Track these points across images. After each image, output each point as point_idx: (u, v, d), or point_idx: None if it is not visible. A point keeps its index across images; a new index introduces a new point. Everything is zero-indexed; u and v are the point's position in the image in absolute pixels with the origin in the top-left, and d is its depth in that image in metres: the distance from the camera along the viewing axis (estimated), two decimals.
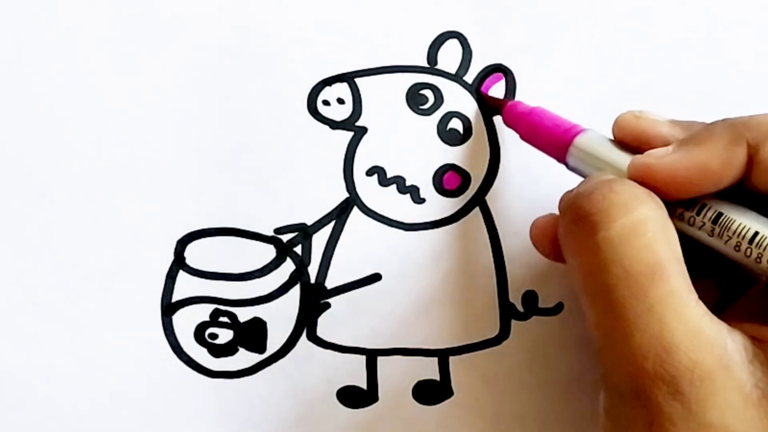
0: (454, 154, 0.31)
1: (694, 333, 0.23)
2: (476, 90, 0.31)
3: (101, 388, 0.31)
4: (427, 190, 0.31)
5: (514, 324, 0.31)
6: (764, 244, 0.24)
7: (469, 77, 0.32)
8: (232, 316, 0.31)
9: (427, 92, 0.31)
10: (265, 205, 0.31)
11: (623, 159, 0.26)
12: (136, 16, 0.32)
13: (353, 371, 0.31)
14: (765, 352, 0.23)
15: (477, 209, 0.31)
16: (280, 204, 0.31)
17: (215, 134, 0.31)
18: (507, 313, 0.31)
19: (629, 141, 0.27)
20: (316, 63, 0.31)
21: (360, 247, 0.31)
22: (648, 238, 0.23)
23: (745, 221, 0.24)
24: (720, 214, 0.25)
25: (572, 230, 0.25)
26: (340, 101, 0.31)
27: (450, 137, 0.31)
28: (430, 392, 0.31)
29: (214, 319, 0.31)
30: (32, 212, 0.31)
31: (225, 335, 0.31)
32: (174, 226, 0.31)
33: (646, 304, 0.23)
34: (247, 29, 0.32)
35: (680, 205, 0.25)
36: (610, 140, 0.28)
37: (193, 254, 0.31)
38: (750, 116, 0.25)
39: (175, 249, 0.31)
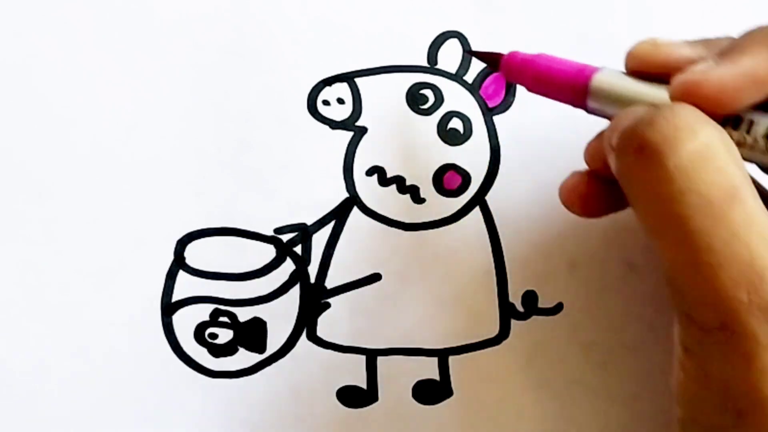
0: (454, 154, 0.31)
1: None
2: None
3: (101, 388, 0.31)
4: (427, 190, 0.31)
5: (514, 324, 0.31)
6: None
7: (469, 77, 0.32)
8: (232, 316, 0.31)
9: (427, 92, 0.31)
10: (265, 205, 0.31)
11: (652, 90, 0.25)
12: (136, 16, 0.32)
13: (353, 371, 0.31)
14: None
15: (477, 209, 0.31)
16: (280, 204, 0.31)
17: (215, 134, 0.31)
18: (507, 313, 0.31)
19: (650, 71, 0.25)
20: (316, 63, 0.31)
21: (360, 247, 0.31)
22: (720, 160, 0.22)
23: None
24: None
25: (637, 163, 0.23)
26: (340, 101, 0.31)
27: (450, 137, 0.31)
28: (429, 392, 0.31)
29: (214, 319, 0.31)
30: (32, 212, 0.31)
31: (225, 335, 0.31)
32: (174, 226, 0.31)
33: (729, 229, 0.21)
34: (247, 29, 0.32)
35: (726, 124, 0.24)
36: (627, 74, 0.26)
37: (193, 254, 0.31)
38: None
39: (175, 249, 0.31)
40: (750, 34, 0.24)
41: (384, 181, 0.31)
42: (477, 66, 0.32)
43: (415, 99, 0.31)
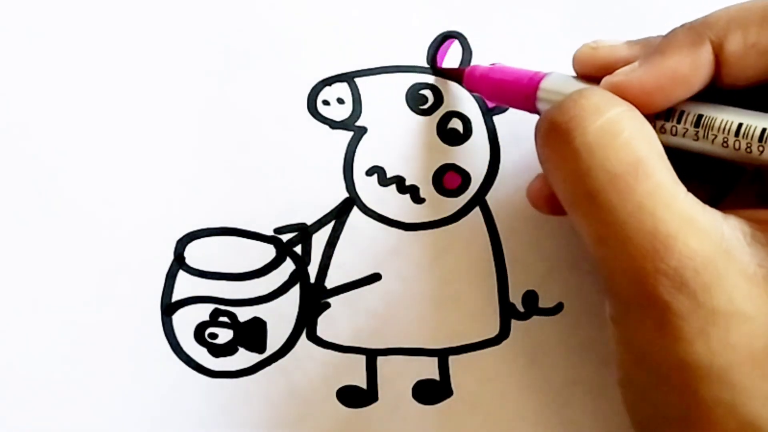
0: (454, 154, 0.31)
1: (689, 221, 0.22)
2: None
3: (101, 388, 0.31)
4: (427, 190, 0.31)
5: (514, 324, 0.31)
6: (750, 133, 0.24)
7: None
8: (232, 316, 0.31)
9: (427, 92, 0.31)
10: (265, 205, 0.31)
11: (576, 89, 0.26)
12: (136, 16, 0.32)
13: (353, 371, 0.31)
14: (763, 232, 0.23)
15: (477, 209, 0.31)
16: (280, 204, 0.31)
17: (215, 134, 0.31)
18: (507, 312, 0.31)
19: (593, 73, 0.27)
20: (316, 63, 0.32)
21: (360, 247, 0.31)
22: (625, 136, 0.23)
23: (726, 116, 0.24)
24: (701, 116, 0.25)
25: (548, 142, 0.24)
26: (340, 101, 0.31)
27: (450, 137, 0.31)
28: (429, 392, 0.31)
29: (213, 319, 0.31)
30: (32, 212, 0.31)
31: (225, 335, 0.31)
32: (174, 226, 0.31)
33: (634, 202, 0.22)
34: (247, 29, 0.32)
35: (658, 117, 0.25)
36: (574, 77, 0.27)
37: (193, 254, 0.31)
38: (707, 15, 0.25)
39: (175, 249, 0.31)
40: (672, 33, 0.25)
41: (384, 181, 0.31)
42: None
43: (415, 99, 0.31)
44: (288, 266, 0.31)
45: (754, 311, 0.22)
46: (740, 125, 0.24)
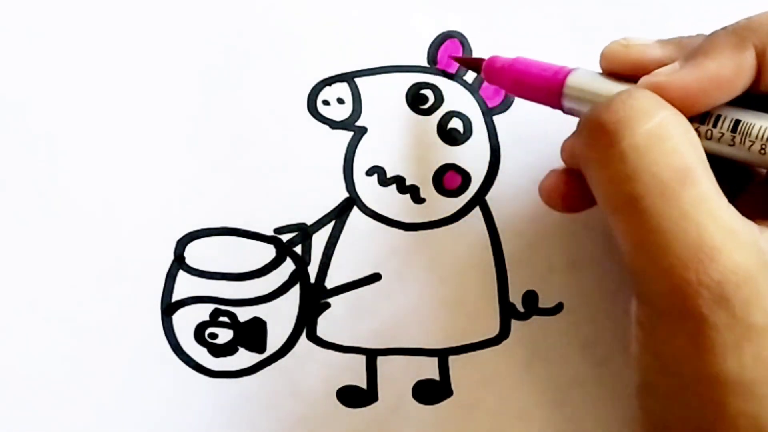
0: (454, 154, 0.31)
1: (732, 234, 0.22)
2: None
3: (101, 388, 0.31)
4: (427, 190, 0.31)
5: (514, 324, 0.31)
6: None
7: (469, 77, 0.32)
8: (232, 316, 0.31)
9: (427, 92, 0.31)
10: (265, 205, 0.31)
11: (623, 89, 0.25)
12: (137, 16, 0.32)
13: (353, 371, 0.31)
14: None
15: (477, 209, 0.31)
16: (280, 204, 0.31)
17: (215, 134, 0.31)
18: (507, 312, 0.31)
19: (622, 71, 0.26)
20: (316, 63, 0.31)
21: (360, 247, 0.31)
22: (674, 141, 0.23)
23: (765, 123, 0.24)
24: (738, 122, 0.24)
25: (594, 143, 0.24)
26: (340, 101, 0.31)
27: (450, 137, 0.31)
28: (429, 392, 0.31)
29: (214, 319, 0.31)
30: (33, 212, 0.31)
31: (225, 335, 0.31)
32: (174, 226, 0.31)
33: (680, 209, 0.22)
34: (247, 29, 0.32)
35: (694, 120, 0.25)
36: (601, 74, 0.27)
37: (193, 254, 0.31)
38: (749, 19, 0.24)
39: (175, 249, 0.31)
40: (715, 36, 0.25)
41: (384, 181, 0.31)
42: None
43: (415, 99, 0.31)
44: (288, 266, 0.31)
45: None
46: None
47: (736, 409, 0.22)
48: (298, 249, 0.31)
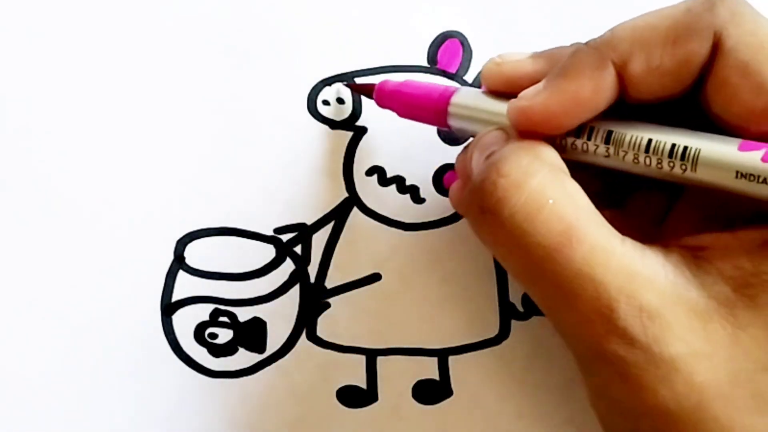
0: (454, 154, 0.31)
1: (629, 278, 0.22)
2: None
3: (101, 388, 0.31)
4: (427, 190, 0.31)
5: (514, 324, 0.31)
6: (660, 148, 0.24)
7: (469, 77, 0.32)
8: (232, 316, 0.31)
9: None
10: (265, 205, 0.31)
11: (501, 108, 0.26)
12: (137, 16, 0.32)
13: (353, 371, 0.31)
14: (707, 259, 0.23)
15: None
16: (280, 204, 0.31)
17: (215, 134, 0.31)
18: (507, 312, 0.31)
19: (499, 89, 0.27)
20: (316, 63, 0.32)
21: (360, 247, 0.31)
22: (550, 206, 0.23)
23: (636, 132, 0.24)
24: (610, 132, 0.25)
25: (480, 226, 0.25)
26: (340, 101, 0.31)
27: (450, 137, 0.31)
28: (429, 392, 0.31)
29: (213, 319, 0.31)
30: (32, 212, 0.31)
31: (225, 335, 0.31)
32: (174, 226, 0.31)
33: (572, 270, 0.23)
34: (247, 29, 0.32)
35: (569, 134, 0.25)
36: (483, 92, 0.27)
37: (193, 254, 0.31)
38: (611, 33, 0.25)
39: (175, 249, 0.31)
40: (576, 53, 0.25)
41: (384, 181, 0.31)
42: (477, 66, 0.32)
43: None
44: (288, 266, 0.31)
45: (711, 348, 0.22)
46: (650, 141, 0.24)
47: None
48: (298, 249, 0.31)
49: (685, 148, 0.24)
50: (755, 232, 0.23)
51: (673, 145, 0.24)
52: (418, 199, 0.31)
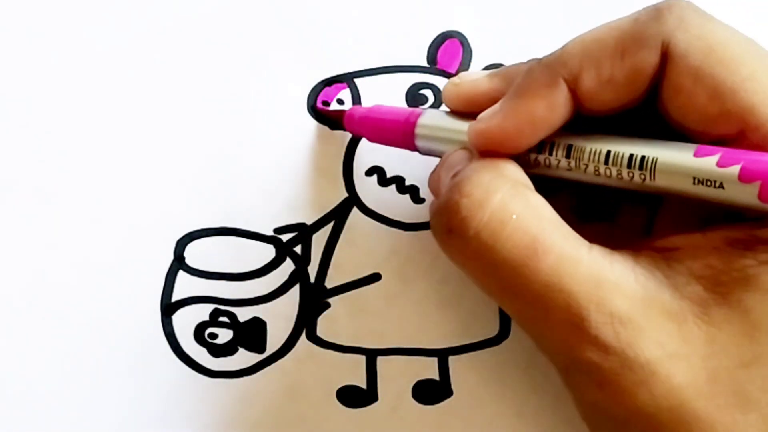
0: None
1: (597, 285, 0.23)
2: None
3: (101, 388, 0.31)
4: (427, 190, 0.31)
5: (514, 324, 0.31)
6: (618, 159, 0.24)
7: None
8: (232, 316, 0.31)
9: (427, 92, 0.31)
10: (265, 205, 0.31)
11: (464, 127, 0.26)
12: (136, 15, 0.32)
13: (353, 371, 0.31)
14: (678, 260, 0.23)
15: None
16: (280, 204, 0.31)
17: (215, 134, 0.31)
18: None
19: (460, 109, 0.27)
20: (316, 63, 0.32)
21: (360, 247, 0.31)
22: (514, 221, 0.23)
23: (594, 145, 0.25)
24: (570, 146, 0.25)
25: (447, 245, 0.25)
26: (340, 101, 0.31)
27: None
28: (429, 392, 0.31)
29: (213, 319, 0.31)
30: (32, 212, 0.31)
31: (225, 335, 0.31)
32: (174, 226, 0.31)
33: (541, 282, 0.23)
34: (247, 29, 0.32)
35: (532, 151, 0.25)
36: (448, 113, 0.28)
37: (193, 254, 0.31)
38: (562, 49, 0.25)
39: (175, 249, 0.31)
40: (530, 72, 0.25)
41: (384, 181, 0.31)
42: (477, 66, 0.32)
43: (415, 99, 0.31)
44: (288, 266, 0.31)
45: (688, 348, 0.22)
46: (609, 153, 0.24)
47: None
48: (298, 249, 0.31)
49: (643, 157, 0.24)
50: (724, 230, 0.23)
51: (631, 155, 0.24)
52: (417, 199, 0.31)
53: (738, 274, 0.22)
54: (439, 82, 0.31)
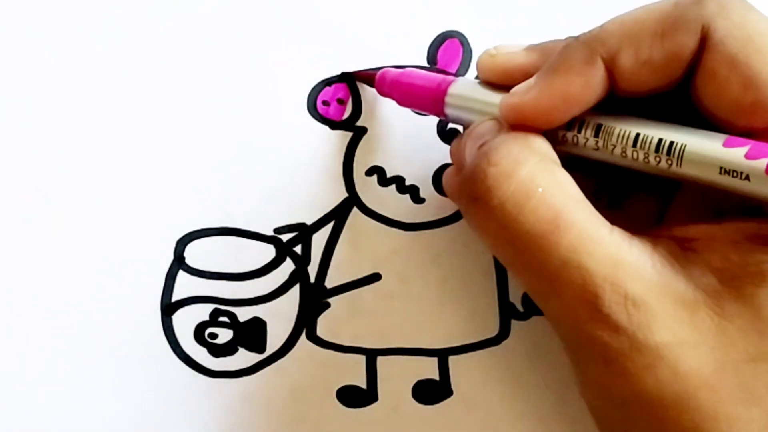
0: None
1: (615, 265, 0.23)
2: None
3: (101, 388, 0.31)
4: (427, 190, 0.31)
5: (514, 324, 0.31)
6: (648, 142, 0.24)
7: (469, 77, 0.32)
8: (232, 316, 0.31)
9: None
10: (265, 205, 0.31)
11: (495, 98, 0.26)
12: (137, 16, 0.32)
13: (353, 371, 0.31)
14: (695, 251, 0.23)
15: None
16: (280, 204, 0.31)
17: (215, 134, 0.31)
18: (507, 312, 0.31)
19: (493, 80, 0.27)
20: (316, 63, 0.32)
21: (360, 247, 0.31)
22: (539, 194, 0.23)
23: (624, 126, 0.25)
24: (599, 126, 0.25)
25: (470, 214, 0.25)
26: (340, 101, 0.31)
27: (450, 137, 0.31)
28: (429, 392, 0.31)
29: (213, 319, 0.31)
30: (32, 212, 0.31)
31: (225, 335, 0.31)
32: (174, 226, 0.31)
33: (560, 258, 0.23)
34: (247, 29, 0.32)
35: (561, 128, 0.25)
36: (479, 83, 0.28)
37: (193, 254, 0.31)
38: (600, 28, 0.25)
39: (175, 249, 0.31)
40: (567, 48, 0.25)
41: (384, 181, 0.31)
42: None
43: None
44: (288, 266, 0.31)
45: (698, 338, 0.22)
46: (638, 135, 0.24)
47: (675, 424, 0.22)
48: (298, 249, 0.31)
49: (672, 143, 0.24)
50: (743, 223, 0.23)
51: (660, 140, 0.24)
52: (418, 199, 0.31)
53: (754, 269, 0.23)
54: None
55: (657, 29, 0.24)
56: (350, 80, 0.31)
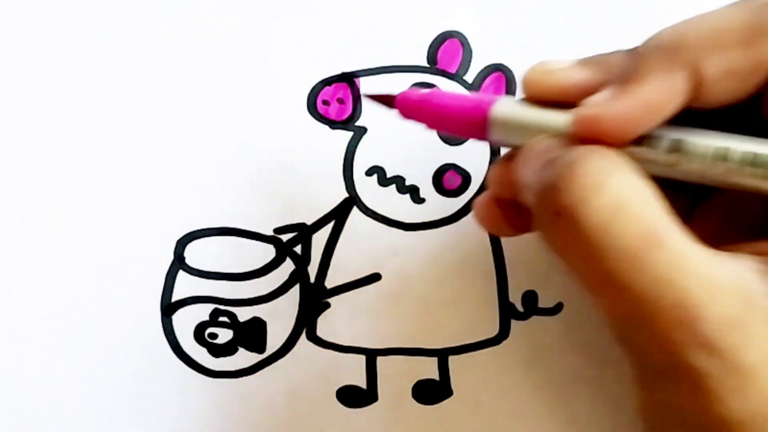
0: (454, 154, 0.31)
1: (710, 284, 0.21)
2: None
3: (101, 388, 0.31)
4: (427, 190, 0.31)
5: (514, 324, 0.31)
6: (731, 157, 0.23)
7: (469, 77, 0.32)
8: (232, 316, 0.31)
9: None
10: (265, 205, 0.31)
11: (552, 117, 0.25)
12: (137, 15, 0.32)
13: (353, 371, 0.31)
14: None
15: None
16: (280, 204, 0.31)
17: (215, 134, 0.31)
18: (507, 312, 0.31)
19: (545, 98, 0.25)
20: (316, 63, 0.32)
21: (360, 247, 0.31)
22: (632, 208, 0.22)
23: (703, 141, 0.23)
24: (677, 141, 0.23)
25: (554, 228, 0.23)
26: (340, 101, 0.31)
27: (450, 137, 0.31)
28: (429, 392, 0.31)
29: (213, 319, 0.31)
30: (32, 212, 0.31)
31: (225, 335, 0.31)
32: (174, 226, 0.31)
33: (653, 276, 0.21)
34: (247, 29, 0.32)
35: (631, 143, 0.24)
36: (526, 102, 0.26)
37: (193, 254, 0.31)
38: (680, 35, 0.23)
39: (175, 249, 0.31)
40: (646, 55, 0.24)
41: (384, 181, 0.31)
42: (477, 66, 0.32)
43: None
44: (288, 266, 0.31)
45: None
46: (726, 149, 0.23)
47: None
48: (298, 249, 0.31)
49: (755, 154, 0.23)
50: None
51: (743, 153, 0.23)
52: (418, 199, 0.31)
53: None
54: (439, 82, 0.31)
55: (742, 36, 0.23)
56: (350, 80, 0.31)
